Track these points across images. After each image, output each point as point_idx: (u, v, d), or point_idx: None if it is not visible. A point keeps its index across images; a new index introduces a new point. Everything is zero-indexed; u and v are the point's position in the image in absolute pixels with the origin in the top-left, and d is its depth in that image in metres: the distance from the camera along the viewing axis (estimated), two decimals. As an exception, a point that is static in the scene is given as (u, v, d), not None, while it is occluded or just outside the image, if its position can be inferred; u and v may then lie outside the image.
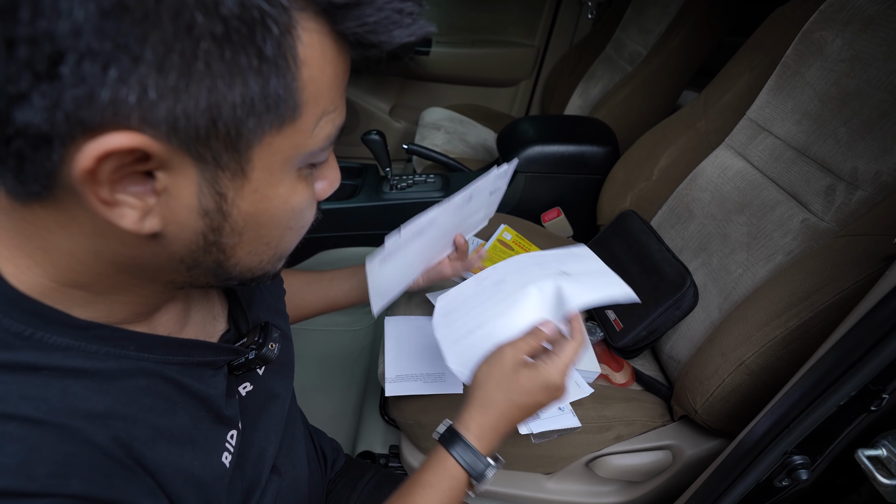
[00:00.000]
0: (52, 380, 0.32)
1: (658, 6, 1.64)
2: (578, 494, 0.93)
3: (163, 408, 0.38)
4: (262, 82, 0.28)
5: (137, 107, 0.26)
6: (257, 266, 0.39)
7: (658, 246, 1.00)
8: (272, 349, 0.50)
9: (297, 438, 0.63)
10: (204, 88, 0.27)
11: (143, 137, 0.27)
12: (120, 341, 0.36)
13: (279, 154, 0.32)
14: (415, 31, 0.32)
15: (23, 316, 0.32)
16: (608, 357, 1.00)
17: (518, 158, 1.32)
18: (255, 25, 0.26)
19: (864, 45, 0.80)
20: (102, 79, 0.25)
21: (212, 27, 0.25)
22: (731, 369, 0.74)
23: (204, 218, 0.33)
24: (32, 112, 0.25)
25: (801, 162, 0.85)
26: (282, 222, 0.37)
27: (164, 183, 0.30)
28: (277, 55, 0.28)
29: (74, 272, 0.33)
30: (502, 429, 0.53)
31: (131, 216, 0.30)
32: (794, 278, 0.73)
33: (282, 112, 0.30)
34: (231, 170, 0.31)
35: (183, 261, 0.35)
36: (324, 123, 0.34)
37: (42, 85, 0.24)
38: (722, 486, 0.65)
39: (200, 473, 0.40)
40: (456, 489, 0.51)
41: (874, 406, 0.55)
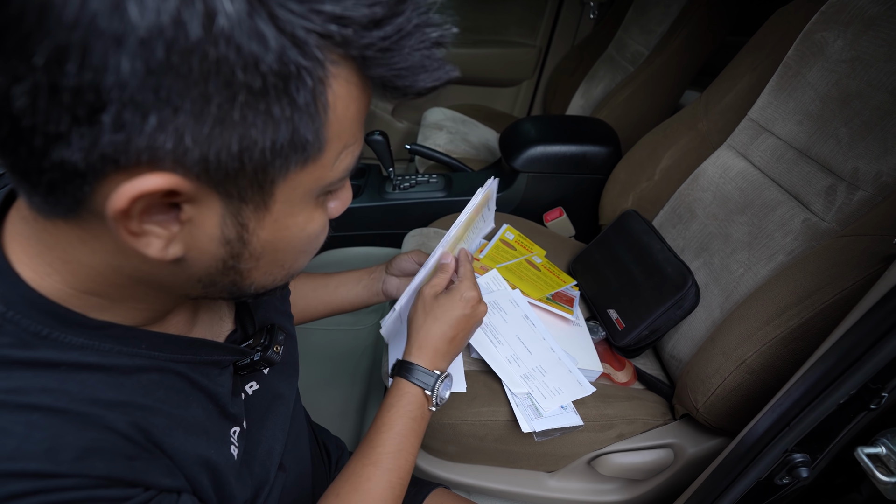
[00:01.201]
0: (71, 374, 0.34)
1: (660, 6, 1.64)
2: (580, 493, 0.94)
3: (176, 400, 0.40)
4: (292, 128, 0.29)
5: (172, 152, 0.27)
6: (270, 284, 0.40)
7: (660, 246, 1.00)
8: (277, 352, 0.51)
9: (301, 436, 0.64)
10: (237, 135, 0.28)
11: (175, 178, 0.28)
12: (132, 340, 0.38)
13: (301, 188, 0.34)
14: (440, 76, 0.33)
15: (40, 317, 0.33)
16: (610, 356, 1.01)
17: (520, 159, 1.32)
18: (291, 78, 0.27)
19: (865, 45, 0.80)
20: (141, 127, 0.26)
21: (250, 82, 0.26)
22: (733, 368, 0.74)
23: (225, 246, 0.34)
24: (69, 151, 0.26)
25: (803, 162, 0.86)
26: (298, 247, 0.38)
27: (190, 214, 0.31)
28: (309, 103, 0.29)
29: (93, 282, 0.35)
30: (442, 348, 0.62)
31: (157, 244, 0.31)
32: (794, 278, 0.73)
33: (308, 153, 0.31)
34: (254, 203, 0.32)
35: (200, 280, 0.36)
36: (344, 156, 0.35)
37: (82, 128, 0.25)
38: (723, 484, 0.65)
39: (215, 460, 0.42)
40: (415, 405, 0.58)
41: (874, 404, 0.55)
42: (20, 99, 0.25)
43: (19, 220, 0.35)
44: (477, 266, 1.06)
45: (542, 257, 1.15)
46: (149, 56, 0.24)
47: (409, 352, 0.62)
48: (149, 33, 0.23)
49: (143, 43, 0.23)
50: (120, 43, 0.23)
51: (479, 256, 1.08)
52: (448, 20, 0.32)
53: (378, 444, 0.55)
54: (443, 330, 0.63)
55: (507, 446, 0.86)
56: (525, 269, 1.07)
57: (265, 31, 0.25)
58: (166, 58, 0.24)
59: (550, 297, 1.02)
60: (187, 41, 0.24)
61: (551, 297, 1.02)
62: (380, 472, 0.54)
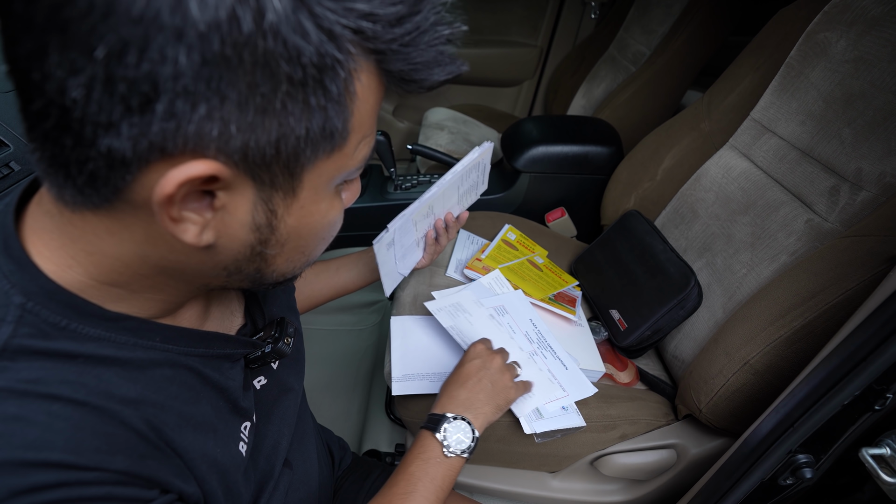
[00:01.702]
0: (88, 367, 0.34)
1: (661, 6, 1.64)
2: (583, 493, 0.94)
3: (187, 396, 0.41)
4: (324, 117, 0.31)
5: (217, 139, 0.29)
6: (290, 272, 0.42)
7: (662, 246, 1.00)
8: (287, 343, 0.52)
9: (307, 434, 0.64)
10: (276, 123, 0.30)
11: (218, 165, 0.30)
12: (147, 333, 0.38)
13: (325, 175, 0.36)
14: (452, 70, 0.35)
15: (59, 308, 0.34)
16: (612, 356, 1.01)
17: (521, 159, 1.32)
18: (326, 70, 0.29)
19: (868, 46, 0.80)
20: (191, 115, 0.27)
21: (292, 73, 0.28)
22: (736, 369, 0.74)
23: (255, 232, 0.36)
24: (118, 140, 0.27)
25: (806, 163, 0.86)
26: (319, 234, 0.40)
27: (223, 201, 0.32)
28: (341, 94, 0.31)
29: (116, 273, 0.35)
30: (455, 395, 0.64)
31: (193, 231, 0.32)
32: (798, 278, 0.73)
33: (335, 141, 0.33)
34: (284, 190, 0.34)
35: (226, 268, 0.38)
36: (362, 146, 0.37)
37: (133, 117, 0.27)
38: (726, 485, 0.65)
39: (222, 459, 0.43)
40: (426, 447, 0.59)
41: (878, 405, 0.55)
42: (75, 90, 0.26)
43: (41, 214, 0.36)
44: (479, 266, 1.06)
45: (544, 257, 1.15)
46: (206, 49, 0.25)
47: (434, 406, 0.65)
48: (207, 27, 0.25)
49: (201, 36, 0.25)
50: (180, 36, 0.25)
51: (481, 257, 1.08)
52: (457, 18, 0.34)
53: (392, 485, 0.56)
54: (459, 377, 0.66)
55: (509, 447, 0.86)
56: (527, 270, 1.07)
57: (307, 26, 0.27)
58: (221, 50, 0.26)
59: (553, 298, 1.02)
60: (240, 35, 0.26)
61: (553, 298, 1.02)
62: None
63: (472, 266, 1.05)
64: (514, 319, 0.90)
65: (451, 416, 0.60)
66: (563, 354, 0.86)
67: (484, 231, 1.20)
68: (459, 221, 0.90)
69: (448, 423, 0.60)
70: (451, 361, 0.87)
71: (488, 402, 0.64)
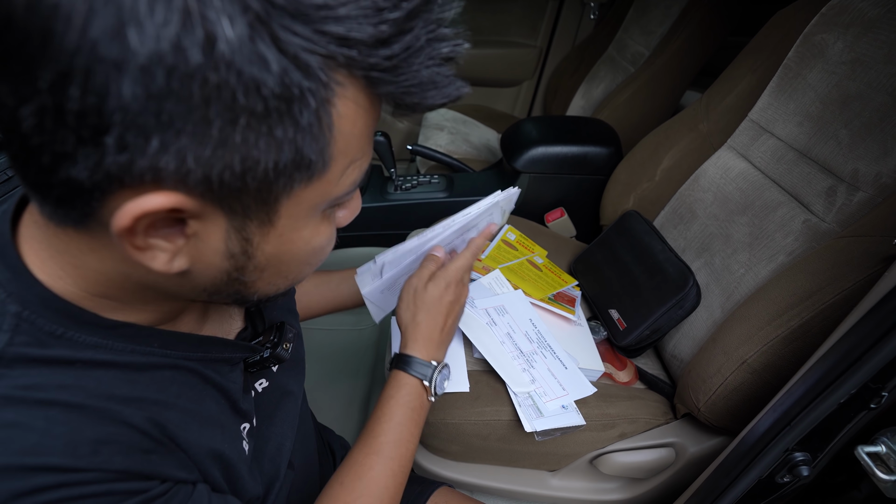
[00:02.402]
0: (86, 371, 0.34)
1: (660, 7, 1.65)
2: (583, 491, 0.94)
3: (190, 395, 0.41)
4: (295, 149, 0.29)
5: (175, 172, 0.27)
6: (274, 292, 0.41)
7: (661, 246, 1.01)
8: (286, 349, 0.52)
9: (308, 434, 0.65)
10: (239, 156, 0.27)
11: (179, 196, 0.28)
12: (145, 339, 0.38)
13: (306, 203, 0.33)
14: (449, 93, 0.32)
15: (55, 316, 0.34)
16: (612, 356, 1.01)
17: (521, 159, 1.33)
18: (294, 100, 0.27)
19: (865, 47, 0.81)
20: (144, 148, 0.26)
21: (252, 105, 0.26)
22: (734, 368, 0.75)
23: (229, 259, 0.34)
24: (76, 169, 0.26)
25: (803, 163, 0.86)
26: (302, 259, 0.38)
27: (195, 228, 0.31)
28: (312, 124, 0.29)
29: (104, 286, 0.35)
30: (436, 337, 0.64)
31: (162, 258, 0.31)
32: (795, 278, 0.74)
33: (312, 171, 0.31)
34: (259, 219, 0.32)
35: (206, 290, 0.37)
36: (351, 171, 0.34)
37: (87, 148, 0.26)
38: (724, 483, 0.66)
39: (229, 454, 0.43)
40: (414, 395, 0.60)
41: (874, 404, 0.56)
42: (28, 119, 0.25)
43: (32, 223, 0.36)
44: (479, 266, 1.06)
45: (544, 257, 1.15)
46: (149, 82, 0.24)
47: (405, 344, 0.64)
48: (149, 60, 0.23)
49: (143, 69, 0.23)
50: (120, 69, 0.23)
51: (481, 257, 1.09)
52: (459, 34, 0.31)
53: (379, 434, 0.57)
54: (435, 320, 0.64)
55: (509, 445, 0.86)
56: (527, 270, 1.08)
57: (266, 55, 0.25)
58: (167, 83, 0.24)
59: (552, 298, 1.02)
60: (187, 67, 0.24)
61: (553, 298, 1.02)
62: (381, 460, 0.55)
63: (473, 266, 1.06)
64: (513, 319, 0.90)
65: (436, 364, 0.62)
66: (562, 354, 0.87)
67: (484, 231, 1.20)
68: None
69: (437, 371, 0.62)
70: (450, 360, 0.88)
71: (454, 324, 0.67)
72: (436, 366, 0.62)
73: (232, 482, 0.44)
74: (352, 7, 0.26)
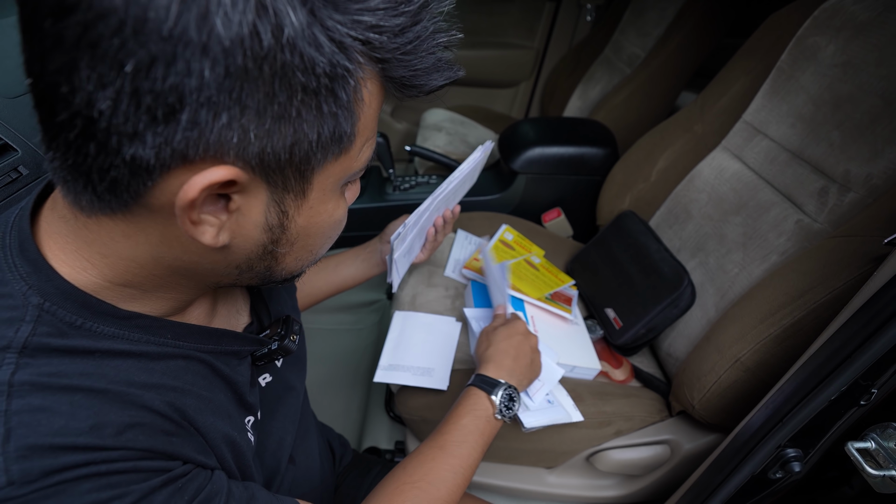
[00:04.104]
0: (105, 360, 0.36)
1: (656, 9, 1.66)
2: (580, 488, 0.96)
3: (203, 384, 0.42)
4: (334, 123, 0.33)
5: (237, 146, 0.30)
6: (297, 269, 0.44)
7: (656, 246, 1.02)
8: (294, 341, 0.53)
9: (309, 430, 0.66)
10: (291, 129, 0.31)
11: (236, 170, 0.31)
12: (158, 330, 0.40)
13: (333, 177, 0.38)
14: (450, 75, 0.38)
15: (74, 307, 0.36)
16: (608, 354, 1.02)
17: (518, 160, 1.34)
18: (337, 79, 0.31)
19: (856, 50, 0.82)
20: (213, 124, 0.29)
21: (307, 82, 0.30)
22: (728, 366, 0.76)
23: (267, 232, 0.37)
24: (143, 148, 0.29)
25: (796, 164, 0.88)
26: (326, 232, 0.42)
27: (238, 203, 0.34)
28: (350, 101, 0.33)
29: (130, 274, 0.37)
30: (506, 364, 0.71)
31: (210, 233, 0.34)
32: (787, 278, 0.75)
33: (343, 144, 0.36)
34: (295, 192, 0.36)
35: (238, 266, 0.39)
36: (366, 148, 0.39)
37: (158, 127, 0.28)
38: (718, 479, 0.67)
39: (239, 441, 0.44)
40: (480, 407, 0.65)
41: (864, 400, 0.57)
42: (104, 103, 0.27)
43: (56, 219, 0.37)
44: (477, 266, 1.07)
45: (541, 257, 1.16)
46: (229, 62, 0.27)
47: (481, 367, 0.71)
48: (231, 43, 0.26)
49: (225, 51, 0.27)
50: (206, 51, 0.26)
51: (479, 257, 1.10)
52: (453, 26, 0.36)
53: (445, 433, 0.62)
54: (503, 350, 0.72)
55: (507, 443, 0.87)
56: (524, 269, 1.09)
57: (321, 39, 0.29)
58: (243, 63, 0.27)
59: (549, 297, 1.03)
60: (261, 48, 0.27)
61: (550, 297, 1.04)
62: (443, 455, 0.59)
63: (470, 266, 1.07)
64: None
65: (505, 382, 0.67)
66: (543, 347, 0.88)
67: (482, 231, 1.21)
68: (454, 216, 0.93)
69: (503, 389, 0.66)
70: (438, 359, 0.89)
71: (526, 377, 0.72)
72: (503, 384, 0.67)
73: (242, 469, 0.45)
74: (380, 1, 0.31)
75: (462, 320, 0.97)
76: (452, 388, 0.85)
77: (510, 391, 0.67)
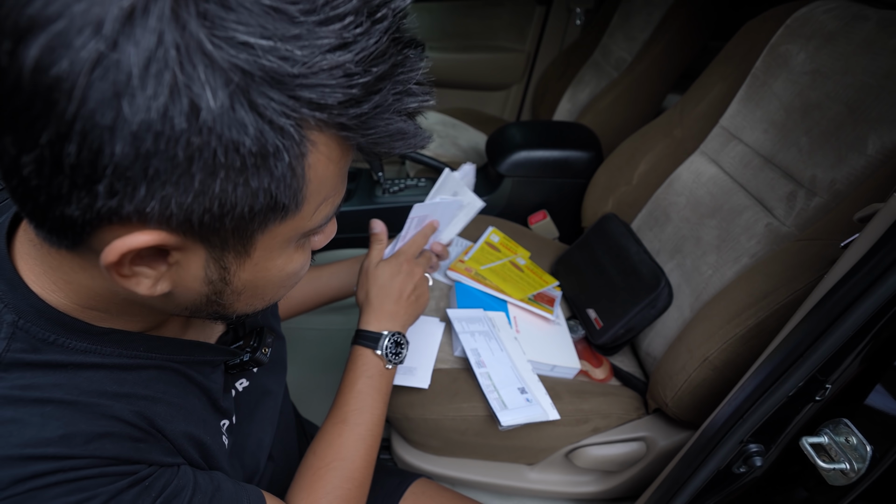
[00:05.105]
0: (78, 372, 0.38)
1: (642, 14, 1.69)
2: (559, 484, 0.98)
3: (175, 391, 0.44)
4: (269, 196, 0.32)
5: (159, 215, 0.30)
6: (251, 311, 0.44)
7: (636, 248, 1.05)
8: (265, 353, 0.55)
9: (289, 429, 0.68)
10: (217, 202, 0.30)
11: (162, 234, 0.31)
12: (131, 344, 0.42)
13: (280, 237, 0.36)
14: (415, 143, 0.36)
15: (48, 325, 0.37)
16: (589, 354, 1.05)
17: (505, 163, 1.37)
18: (269, 156, 0.30)
19: (824, 59, 0.85)
20: (132, 195, 0.28)
21: (230, 162, 0.29)
22: (697, 365, 0.79)
23: (208, 285, 0.37)
24: (69, 208, 0.29)
25: (768, 169, 0.90)
26: (277, 284, 0.42)
27: (177, 258, 0.34)
28: (286, 174, 0.31)
29: (93, 300, 0.39)
30: (388, 309, 0.69)
31: (146, 283, 0.34)
32: (753, 280, 0.78)
33: (286, 211, 0.34)
34: (236, 251, 0.35)
35: (187, 308, 0.40)
36: (323, 206, 0.37)
37: (80, 192, 0.28)
38: (686, 474, 0.69)
39: (209, 444, 0.46)
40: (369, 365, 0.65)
41: (819, 396, 0.60)
42: (28, 166, 0.28)
43: (27, 242, 0.39)
44: (462, 267, 1.10)
45: (527, 259, 1.19)
46: (139, 144, 0.27)
47: (360, 321, 0.70)
48: (139, 126, 0.26)
49: (134, 134, 0.26)
50: (114, 133, 0.26)
51: (464, 258, 1.12)
52: (427, 91, 0.34)
53: (343, 405, 0.63)
54: (387, 295, 0.70)
55: (486, 440, 0.90)
56: (509, 271, 1.12)
57: (245, 119, 0.28)
58: (154, 145, 0.27)
59: (532, 298, 1.06)
60: (173, 132, 0.27)
61: (533, 298, 1.06)
62: (348, 427, 0.61)
63: (455, 267, 1.09)
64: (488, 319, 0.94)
65: (387, 332, 0.67)
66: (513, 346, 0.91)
67: (468, 233, 1.24)
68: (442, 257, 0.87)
69: (387, 339, 0.66)
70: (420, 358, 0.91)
71: (410, 314, 0.72)
72: (386, 334, 0.66)
73: (210, 465, 0.47)
74: (324, 76, 0.28)
75: (446, 320, 1.00)
76: (432, 387, 0.88)
77: (395, 337, 0.67)
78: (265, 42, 0.27)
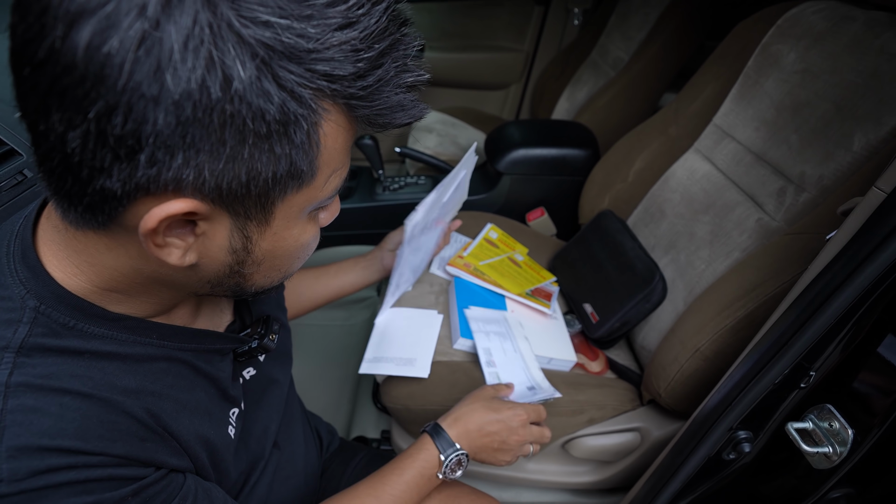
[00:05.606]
0: (93, 361, 0.40)
1: (639, 14, 1.71)
2: (556, 474, 1.00)
3: (182, 385, 0.46)
4: (289, 162, 0.35)
5: (193, 182, 0.33)
6: (268, 285, 0.47)
7: (632, 244, 1.07)
8: (272, 340, 0.57)
9: (294, 418, 0.71)
10: (245, 168, 0.34)
11: (195, 202, 0.34)
12: (145, 331, 0.44)
13: (296, 206, 0.40)
14: (414, 114, 0.39)
15: (67, 310, 0.40)
16: (585, 347, 1.07)
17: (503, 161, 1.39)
18: (290, 123, 0.33)
19: (813, 58, 0.87)
20: (170, 164, 0.32)
21: (257, 128, 0.32)
22: (689, 356, 0.81)
23: (232, 255, 0.40)
24: (110, 181, 0.32)
25: (759, 166, 0.93)
26: (293, 255, 0.45)
27: (203, 228, 0.37)
28: (304, 142, 0.35)
29: (115, 281, 0.41)
30: (474, 434, 0.68)
31: (176, 254, 0.37)
32: (744, 273, 0.80)
33: (302, 179, 0.38)
34: (257, 220, 0.39)
35: (209, 282, 0.43)
36: (332, 178, 0.41)
37: (122, 164, 0.31)
38: (678, 461, 0.72)
39: (214, 440, 0.49)
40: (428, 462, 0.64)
41: (804, 383, 0.62)
42: (74, 142, 0.31)
43: (51, 228, 0.41)
44: (461, 263, 1.12)
45: (525, 255, 1.21)
46: (180, 113, 0.30)
47: (446, 419, 0.69)
48: (180, 96, 0.29)
49: (175, 103, 0.29)
50: (157, 103, 0.29)
51: (463, 254, 1.15)
52: (422, 67, 0.38)
53: (386, 483, 0.62)
54: (484, 421, 0.69)
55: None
56: (507, 266, 1.14)
57: (270, 90, 0.31)
58: (193, 114, 0.30)
59: (529, 293, 1.08)
60: (209, 101, 0.30)
61: (530, 293, 1.08)
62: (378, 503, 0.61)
63: (454, 263, 1.12)
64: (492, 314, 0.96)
65: (462, 452, 0.66)
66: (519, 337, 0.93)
67: (467, 230, 1.26)
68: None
69: (457, 455, 0.65)
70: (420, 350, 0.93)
71: (489, 456, 0.70)
72: (458, 449, 0.66)
73: (216, 465, 0.50)
74: (335, 51, 0.32)
75: (444, 314, 1.02)
76: (432, 378, 0.90)
77: (461, 456, 0.66)
78: (283, 21, 0.30)
